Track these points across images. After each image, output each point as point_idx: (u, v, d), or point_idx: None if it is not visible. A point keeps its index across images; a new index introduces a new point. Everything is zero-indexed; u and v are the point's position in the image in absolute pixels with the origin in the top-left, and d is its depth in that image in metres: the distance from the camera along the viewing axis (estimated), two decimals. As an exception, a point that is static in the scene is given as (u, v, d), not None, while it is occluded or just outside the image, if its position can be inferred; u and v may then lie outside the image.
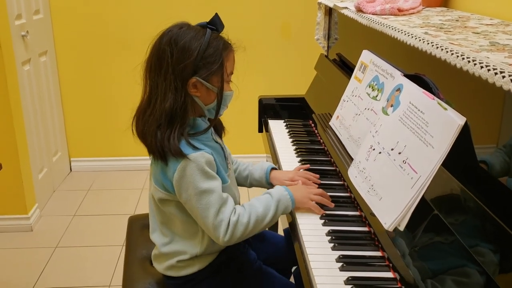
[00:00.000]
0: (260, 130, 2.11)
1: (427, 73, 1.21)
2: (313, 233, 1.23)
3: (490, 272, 0.83)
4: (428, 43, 1.11)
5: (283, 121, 2.04)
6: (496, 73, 0.84)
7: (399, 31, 1.29)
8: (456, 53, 0.98)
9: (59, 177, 3.23)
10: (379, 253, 1.16)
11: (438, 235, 1.00)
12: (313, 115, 1.93)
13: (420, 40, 1.16)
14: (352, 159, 1.36)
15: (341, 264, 1.11)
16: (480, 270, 0.86)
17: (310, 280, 1.08)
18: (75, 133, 3.36)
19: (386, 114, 1.22)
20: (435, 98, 1.05)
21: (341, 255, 1.13)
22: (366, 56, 1.53)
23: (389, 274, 1.08)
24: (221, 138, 1.39)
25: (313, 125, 1.95)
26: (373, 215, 1.13)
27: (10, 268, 2.38)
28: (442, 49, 1.04)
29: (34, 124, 2.83)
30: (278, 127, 1.98)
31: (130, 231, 1.65)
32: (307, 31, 3.03)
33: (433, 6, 1.81)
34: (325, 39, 2.17)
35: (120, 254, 2.47)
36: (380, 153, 1.18)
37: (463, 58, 0.95)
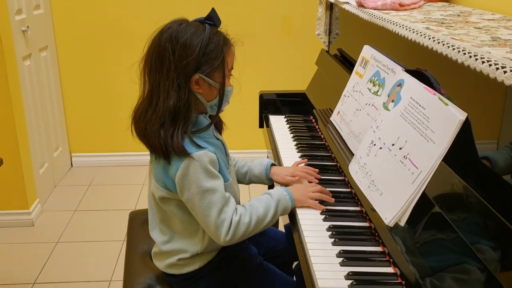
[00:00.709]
0: (261, 126, 2.11)
1: (428, 68, 1.20)
2: (314, 229, 1.23)
3: (492, 269, 0.83)
4: (430, 38, 1.11)
5: (284, 117, 2.04)
6: (498, 68, 0.83)
7: (401, 26, 1.28)
8: (458, 48, 0.98)
9: (60, 173, 3.24)
10: (380, 248, 1.16)
11: (439, 231, 1.00)
12: (314, 111, 1.93)
13: (422, 35, 1.15)
14: (353, 155, 1.36)
15: (342, 259, 1.11)
16: (481, 267, 0.86)
17: (311, 275, 1.08)
18: (76, 128, 3.36)
19: (387, 110, 1.21)
20: (436, 93, 1.05)
21: (342, 250, 1.13)
22: (367, 51, 1.52)
23: (390, 269, 1.09)
24: (221, 134, 1.39)
25: (314, 121, 1.94)
26: (374, 211, 1.14)
27: (12, 263, 2.38)
28: (444, 44, 1.04)
29: (35, 120, 2.83)
30: (279, 123, 1.98)
31: (131, 226, 1.65)
32: (308, 26, 3.02)
33: (435, 1, 1.80)
34: (326, 34, 2.16)
35: (121, 249, 2.47)
36: (381, 149, 1.18)
37: (465, 53, 0.95)
